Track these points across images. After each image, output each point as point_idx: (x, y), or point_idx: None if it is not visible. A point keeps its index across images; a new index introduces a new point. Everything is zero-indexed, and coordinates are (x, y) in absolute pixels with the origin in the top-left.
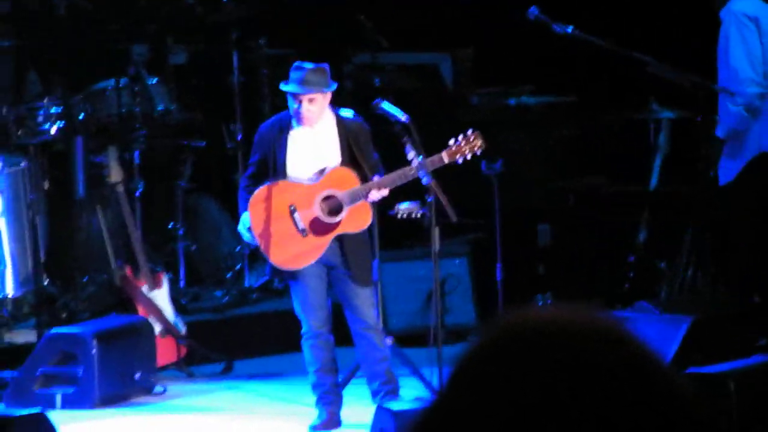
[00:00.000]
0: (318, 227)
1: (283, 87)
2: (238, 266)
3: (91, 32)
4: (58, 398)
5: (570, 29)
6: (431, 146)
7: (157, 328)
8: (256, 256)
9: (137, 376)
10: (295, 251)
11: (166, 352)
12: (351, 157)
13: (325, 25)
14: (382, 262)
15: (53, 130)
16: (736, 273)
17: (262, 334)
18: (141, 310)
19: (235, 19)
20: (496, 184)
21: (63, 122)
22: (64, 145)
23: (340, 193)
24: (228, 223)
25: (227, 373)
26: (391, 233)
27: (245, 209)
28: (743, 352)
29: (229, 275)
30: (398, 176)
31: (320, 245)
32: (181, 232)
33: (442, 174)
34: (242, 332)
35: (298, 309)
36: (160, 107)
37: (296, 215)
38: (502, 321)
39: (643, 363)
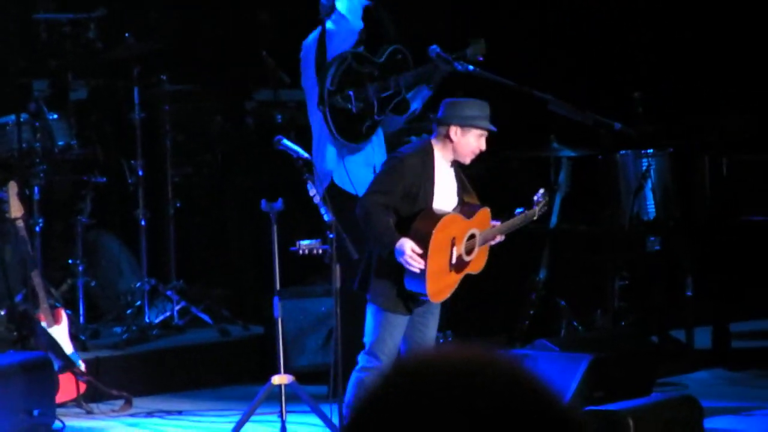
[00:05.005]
0: (459, 264)
1: (481, 123)
2: (138, 303)
3: None
4: None
5: (471, 67)
6: None
7: (57, 364)
8: (156, 292)
9: (36, 412)
10: (442, 284)
11: (65, 388)
12: (462, 195)
13: (227, 62)
14: (282, 299)
15: None
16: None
17: (161, 370)
18: (40, 347)
19: (136, 55)
20: None
21: None
22: None
23: (479, 234)
24: (128, 259)
25: (126, 409)
26: (292, 270)
27: (393, 236)
28: (642, 390)
29: (129, 312)
30: (519, 221)
31: (454, 282)
32: (80, 268)
33: (341, 210)
34: (142, 369)
35: (376, 338)
36: (60, 143)
37: (454, 249)
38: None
39: (540, 401)
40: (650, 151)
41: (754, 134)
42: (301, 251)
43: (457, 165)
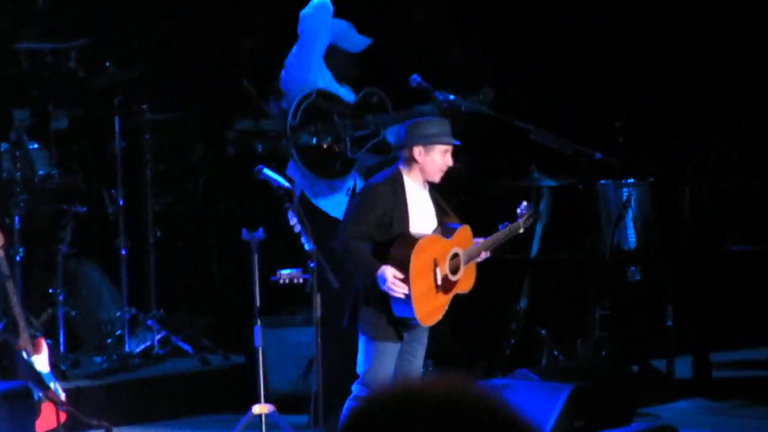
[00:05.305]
0: (446, 285)
1: (443, 139)
2: (119, 332)
3: None
4: None
5: (452, 97)
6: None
7: (37, 394)
8: (136, 321)
9: None
10: (431, 307)
11: (45, 418)
12: (440, 216)
13: (208, 91)
14: (264, 328)
15: None
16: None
17: (142, 400)
18: (20, 376)
19: (118, 84)
20: None
21: None
22: None
23: (462, 252)
24: (108, 288)
25: None
26: (272, 299)
27: (373, 266)
28: (623, 420)
29: (109, 341)
30: (503, 236)
31: (444, 304)
32: (61, 297)
33: (321, 238)
34: (122, 398)
35: (367, 368)
36: (41, 172)
37: (437, 270)
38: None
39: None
40: (631, 180)
41: (740, 153)
42: (281, 281)
43: (432, 188)
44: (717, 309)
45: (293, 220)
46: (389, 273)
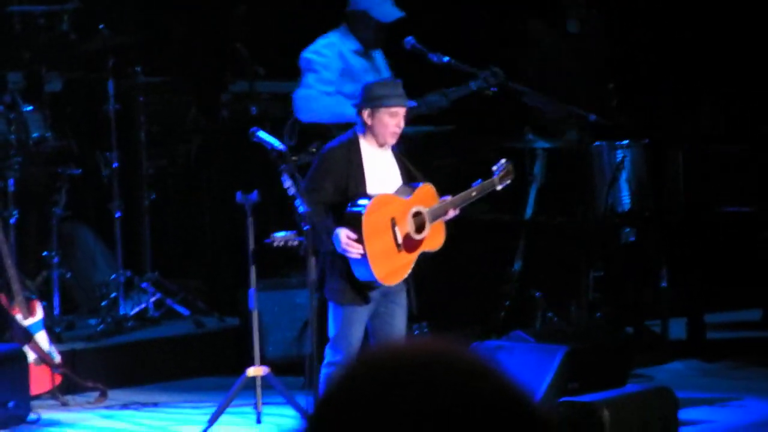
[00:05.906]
0: (409, 243)
1: (389, 102)
2: (113, 294)
3: None
4: None
5: (446, 59)
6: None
7: (31, 356)
8: (131, 284)
9: (11, 404)
10: (393, 266)
11: (40, 380)
12: (407, 177)
13: (201, 53)
14: (258, 291)
15: None
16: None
17: (137, 362)
18: (15, 339)
19: (111, 47)
20: None
21: None
22: None
23: (425, 210)
24: (103, 251)
25: (102, 401)
26: (267, 262)
27: (330, 229)
28: (617, 382)
29: (104, 303)
30: (475, 192)
31: (409, 263)
32: (56, 260)
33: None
34: (117, 361)
35: (336, 333)
36: (35, 135)
37: (396, 229)
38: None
39: (507, 397)
40: (625, 142)
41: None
42: (275, 243)
43: (397, 150)
44: (711, 270)
45: (287, 183)
46: (343, 234)
